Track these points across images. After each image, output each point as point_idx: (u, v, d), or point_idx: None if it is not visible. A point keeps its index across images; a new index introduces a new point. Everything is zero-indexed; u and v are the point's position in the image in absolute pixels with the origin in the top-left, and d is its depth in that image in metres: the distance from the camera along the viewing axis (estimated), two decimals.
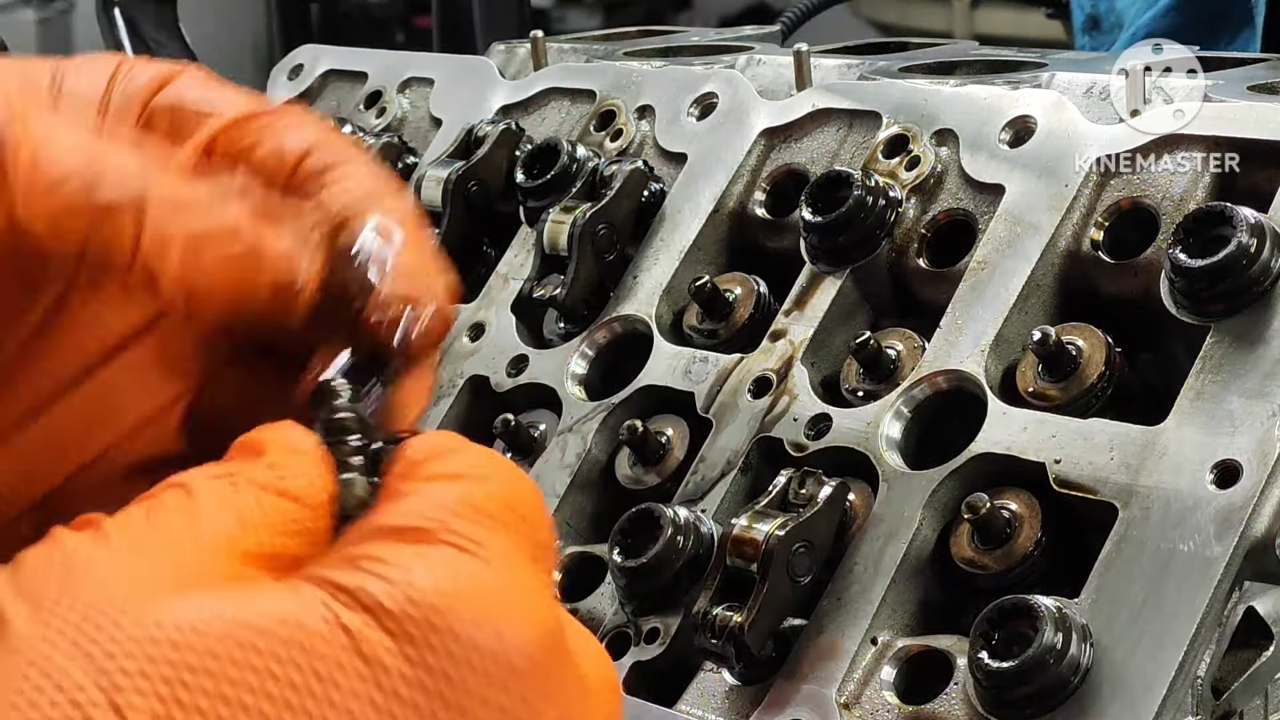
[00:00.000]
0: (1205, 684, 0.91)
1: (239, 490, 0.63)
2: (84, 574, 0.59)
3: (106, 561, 0.59)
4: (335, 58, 1.52)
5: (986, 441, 1.01)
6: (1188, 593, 0.90)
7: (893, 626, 0.99)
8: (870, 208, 1.13)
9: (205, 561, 0.61)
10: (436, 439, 0.68)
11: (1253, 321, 0.98)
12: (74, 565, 0.59)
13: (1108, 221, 1.08)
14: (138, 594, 0.59)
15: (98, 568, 0.59)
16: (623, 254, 1.23)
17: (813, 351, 1.12)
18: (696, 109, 1.28)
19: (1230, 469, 0.93)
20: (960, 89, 1.19)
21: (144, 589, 0.59)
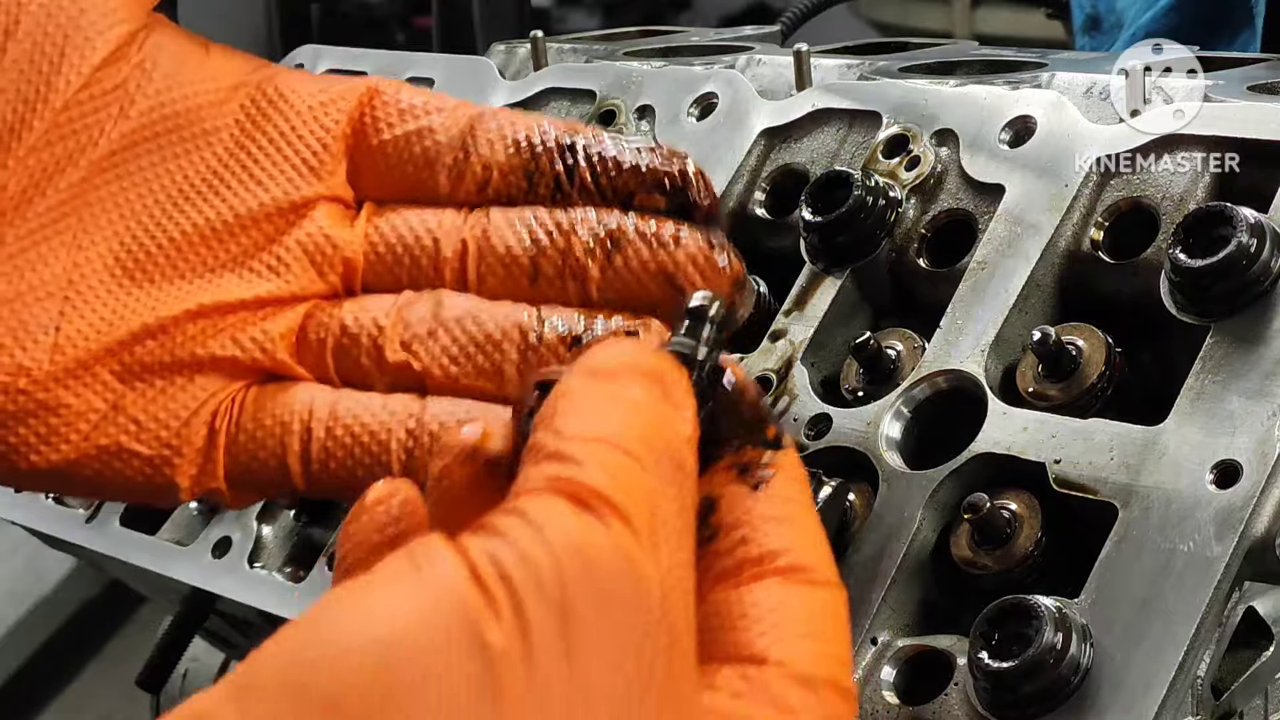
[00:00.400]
0: (1205, 684, 0.91)
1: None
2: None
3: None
4: (335, 58, 1.52)
5: (986, 441, 1.01)
6: (1188, 593, 0.90)
7: (893, 626, 0.99)
8: (870, 208, 1.13)
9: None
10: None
11: (1253, 321, 0.98)
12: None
13: (1108, 221, 1.08)
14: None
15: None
16: None
17: (813, 351, 1.12)
18: (696, 109, 1.28)
19: (1230, 469, 0.93)
20: (960, 89, 1.19)
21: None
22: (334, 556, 1.20)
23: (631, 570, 0.62)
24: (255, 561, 1.26)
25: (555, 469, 0.64)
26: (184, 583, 1.29)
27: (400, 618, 0.59)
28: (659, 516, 0.64)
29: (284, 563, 1.26)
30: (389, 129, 0.96)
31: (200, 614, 1.33)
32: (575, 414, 0.67)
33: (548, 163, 0.93)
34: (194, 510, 1.32)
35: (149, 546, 1.32)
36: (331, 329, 0.95)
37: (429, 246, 0.94)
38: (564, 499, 0.63)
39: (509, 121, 0.95)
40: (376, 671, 0.58)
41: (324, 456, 0.92)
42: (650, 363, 0.70)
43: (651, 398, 0.68)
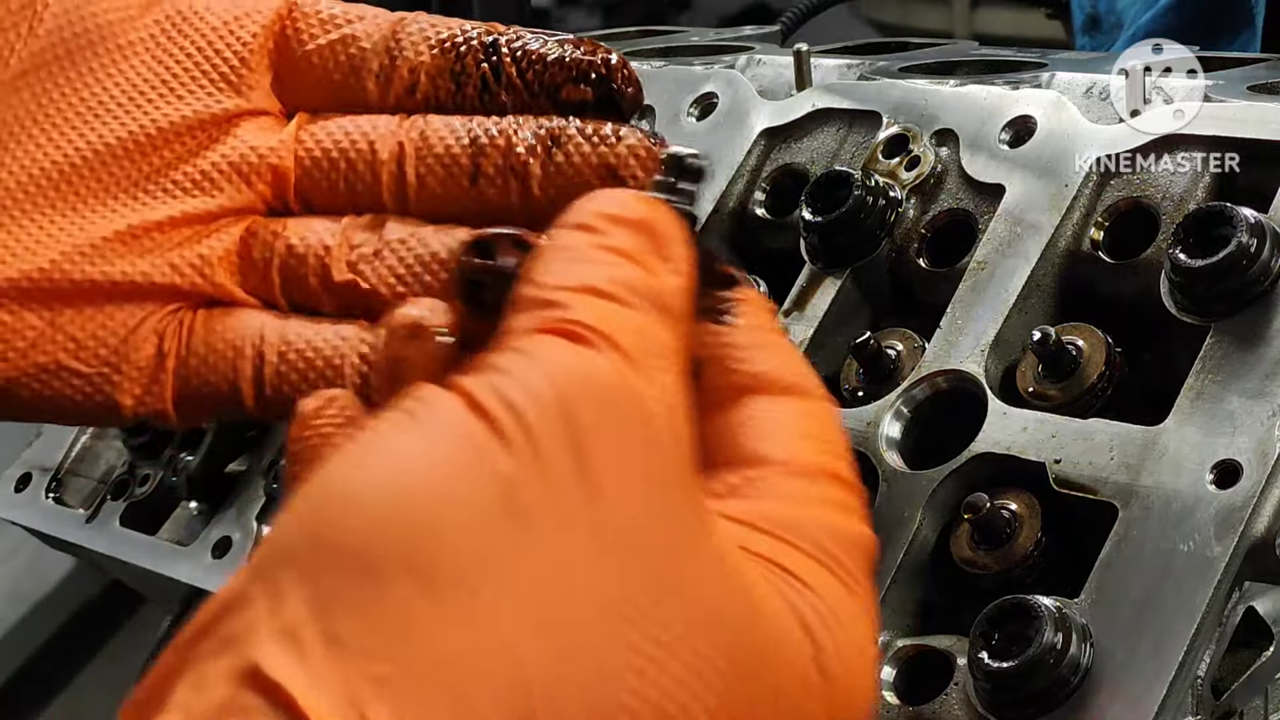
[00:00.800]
0: (1205, 684, 0.91)
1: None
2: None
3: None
4: None
5: (986, 441, 1.01)
6: (1188, 593, 0.90)
7: (893, 627, 0.99)
8: (870, 208, 1.13)
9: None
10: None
11: (1253, 321, 0.98)
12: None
13: (1108, 221, 1.08)
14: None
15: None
16: None
17: (813, 351, 1.12)
18: (696, 109, 1.28)
19: (1230, 469, 0.93)
20: (960, 89, 1.18)
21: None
22: None
23: (628, 387, 0.65)
24: None
25: (543, 313, 0.67)
26: (184, 583, 1.29)
27: (410, 461, 0.61)
28: (649, 342, 0.67)
29: None
30: (311, 39, 0.97)
31: None
32: (561, 265, 0.69)
33: (473, 62, 0.95)
34: (194, 510, 1.32)
35: (149, 546, 1.32)
36: (277, 249, 0.95)
37: (364, 150, 0.95)
38: (556, 336, 0.66)
39: (430, 24, 0.97)
40: (395, 516, 0.59)
41: (277, 381, 0.93)
42: (639, 211, 0.73)
43: (639, 247, 0.71)
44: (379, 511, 0.60)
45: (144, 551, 1.32)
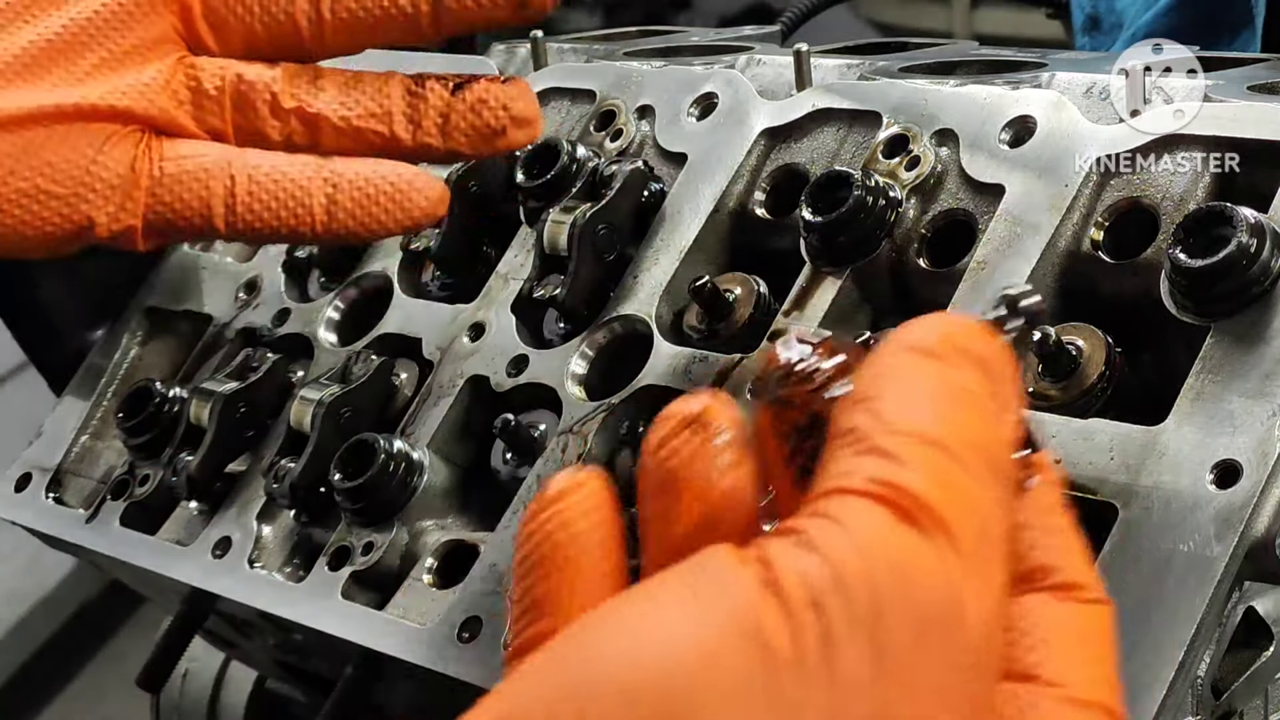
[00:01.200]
0: (1205, 684, 0.91)
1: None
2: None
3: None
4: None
5: None
6: (1188, 593, 0.90)
7: None
8: (870, 208, 1.13)
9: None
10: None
11: (1253, 321, 0.98)
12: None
13: (1108, 221, 1.08)
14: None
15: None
16: (623, 254, 1.23)
17: None
18: (696, 109, 1.28)
19: (1230, 469, 0.93)
20: (960, 89, 1.19)
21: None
22: (335, 553, 1.20)
23: (952, 592, 0.56)
24: (255, 562, 1.26)
25: (877, 467, 0.58)
26: (184, 583, 1.29)
27: (685, 651, 0.54)
28: (986, 536, 0.58)
29: (284, 563, 1.26)
30: None
31: (200, 614, 1.33)
32: (900, 400, 0.59)
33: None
34: (194, 510, 1.32)
35: (149, 546, 1.32)
36: (228, 77, 0.99)
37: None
38: (885, 506, 0.57)
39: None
40: (660, 709, 0.53)
41: (249, 201, 0.96)
42: (981, 346, 0.62)
43: (984, 390, 0.61)
44: (638, 704, 0.52)
45: (144, 551, 1.32)
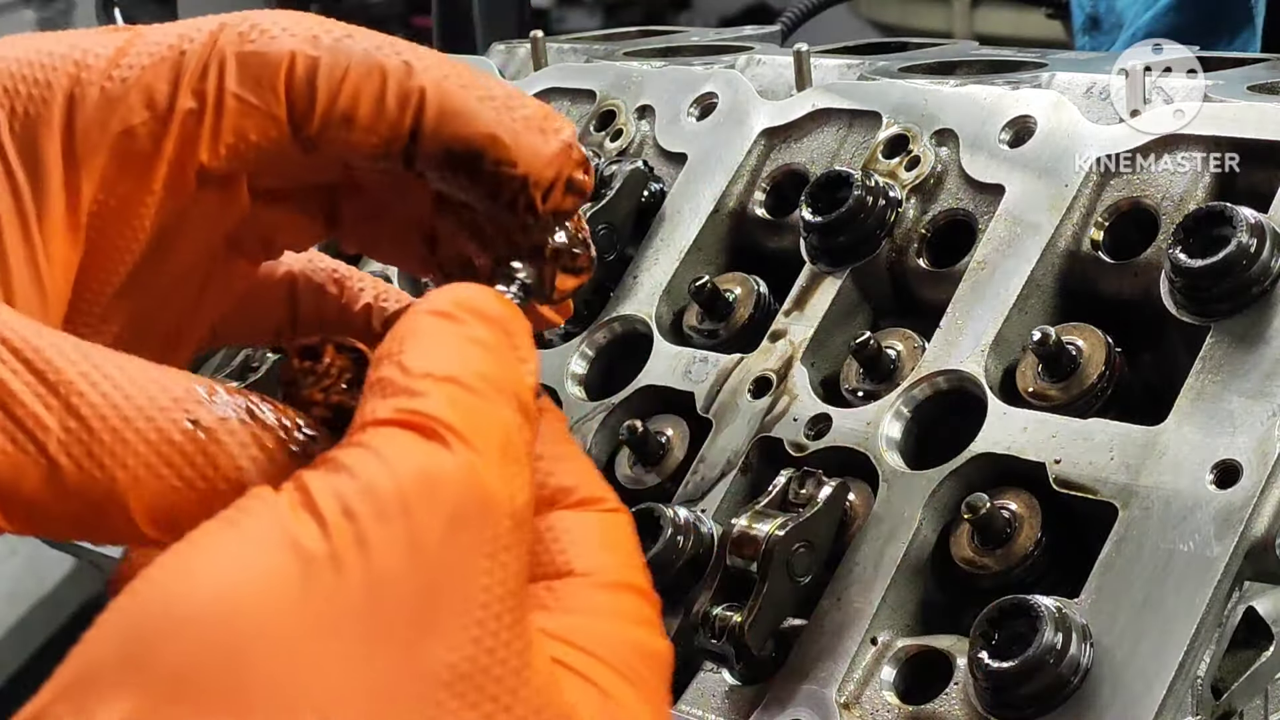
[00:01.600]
0: (1205, 684, 0.91)
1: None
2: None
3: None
4: None
5: (986, 441, 1.01)
6: (1188, 593, 0.90)
7: (893, 626, 0.99)
8: (870, 208, 1.13)
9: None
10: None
11: (1253, 321, 0.98)
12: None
13: (1108, 221, 1.08)
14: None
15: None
16: (623, 254, 1.23)
17: (813, 351, 1.12)
18: (696, 109, 1.28)
19: (1230, 469, 0.93)
20: (960, 89, 1.19)
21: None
22: None
23: (482, 495, 0.64)
24: None
25: (400, 401, 0.65)
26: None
27: (231, 574, 0.59)
28: (509, 449, 0.66)
29: None
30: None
31: None
32: (423, 352, 0.68)
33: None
34: None
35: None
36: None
37: None
38: (410, 430, 0.64)
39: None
40: (212, 638, 0.58)
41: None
42: (497, 309, 0.71)
43: (498, 341, 0.70)
44: (195, 632, 0.58)
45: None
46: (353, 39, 0.76)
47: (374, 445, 0.64)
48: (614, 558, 0.72)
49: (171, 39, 0.77)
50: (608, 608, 0.71)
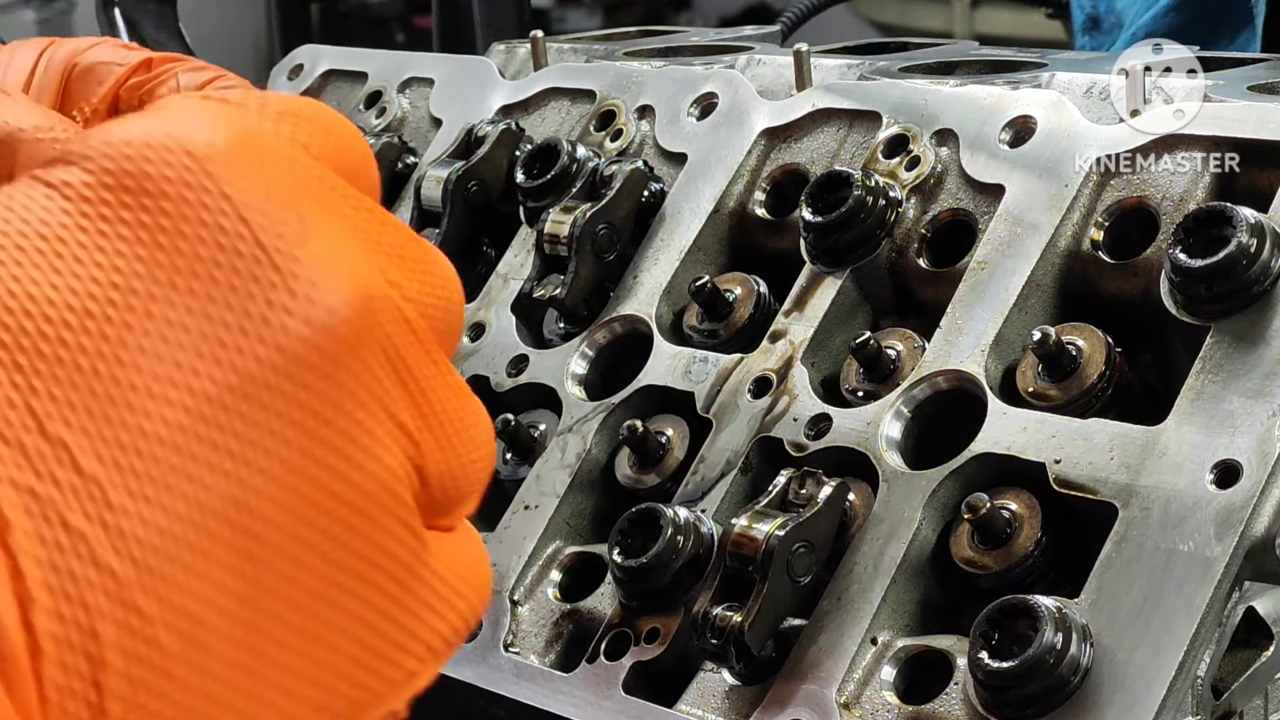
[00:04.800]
0: (1205, 684, 0.91)
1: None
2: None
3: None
4: (335, 58, 1.52)
5: (986, 441, 1.01)
6: (1188, 593, 0.90)
7: (893, 626, 0.99)
8: (870, 208, 1.13)
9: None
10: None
11: (1253, 321, 0.98)
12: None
13: (1108, 221, 1.08)
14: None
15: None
16: (623, 254, 1.23)
17: (813, 351, 1.12)
18: (696, 109, 1.28)
19: (1230, 469, 0.93)
20: (960, 89, 1.19)
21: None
22: None
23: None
24: None
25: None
26: None
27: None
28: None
29: None
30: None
31: None
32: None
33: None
34: None
35: None
36: None
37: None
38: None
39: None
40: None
41: None
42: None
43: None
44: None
45: None
46: None
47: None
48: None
49: None
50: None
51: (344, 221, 0.56)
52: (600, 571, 1.10)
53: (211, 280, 0.52)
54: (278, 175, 0.55)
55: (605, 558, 1.07)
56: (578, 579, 1.11)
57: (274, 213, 0.54)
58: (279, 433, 0.52)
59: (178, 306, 0.52)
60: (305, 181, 0.55)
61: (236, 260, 0.53)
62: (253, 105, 0.57)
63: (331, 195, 0.56)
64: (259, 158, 0.54)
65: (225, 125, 0.55)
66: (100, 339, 0.51)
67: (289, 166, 0.55)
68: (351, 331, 0.54)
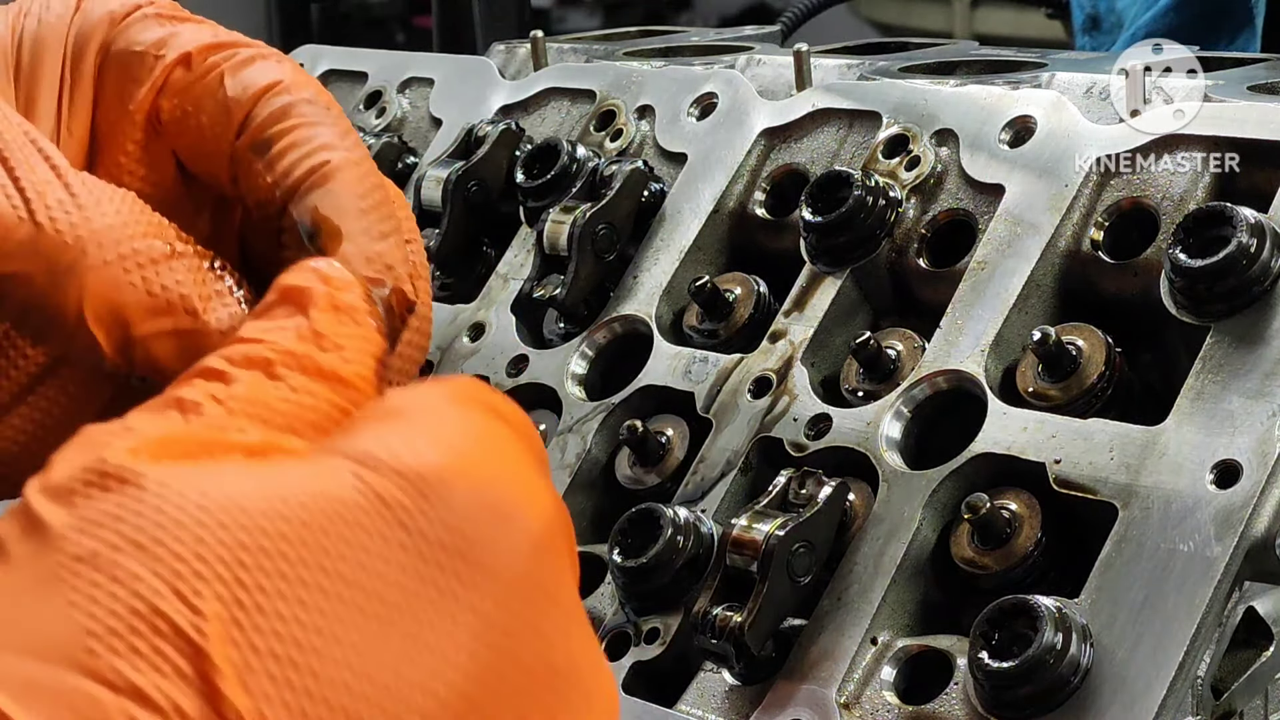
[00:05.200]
0: (1205, 684, 0.91)
1: (278, 383, 0.63)
2: (115, 465, 0.57)
3: (134, 450, 0.57)
4: (335, 58, 1.52)
5: (986, 441, 1.01)
6: (1188, 593, 0.90)
7: (893, 626, 0.99)
8: (870, 208, 1.13)
9: (232, 444, 0.60)
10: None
11: (1253, 321, 0.98)
12: (104, 457, 0.57)
13: (1108, 221, 1.08)
14: (172, 477, 0.57)
15: (126, 458, 0.57)
16: (623, 254, 1.23)
17: (813, 351, 1.12)
18: (696, 109, 1.28)
19: (1230, 469, 0.93)
20: (960, 89, 1.19)
21: (175, 472, 0.57)
22: None
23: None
24: None
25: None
26: None
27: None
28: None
29: None
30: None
31: None
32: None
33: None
34: None
35: None
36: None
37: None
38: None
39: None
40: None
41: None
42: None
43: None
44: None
45: None
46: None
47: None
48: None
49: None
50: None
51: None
52: (600, 571, 1.09)
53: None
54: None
55: (605, 558, 1.07)
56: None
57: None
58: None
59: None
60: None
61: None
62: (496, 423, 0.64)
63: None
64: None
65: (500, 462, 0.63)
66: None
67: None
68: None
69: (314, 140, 0.75)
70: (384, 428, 0.61)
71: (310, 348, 0.65)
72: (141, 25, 0.79)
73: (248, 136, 0.76)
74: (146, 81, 0.78)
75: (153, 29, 0.79)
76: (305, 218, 0.73)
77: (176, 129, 0.79)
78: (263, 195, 0.75)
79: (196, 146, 0.78)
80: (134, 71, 0.79)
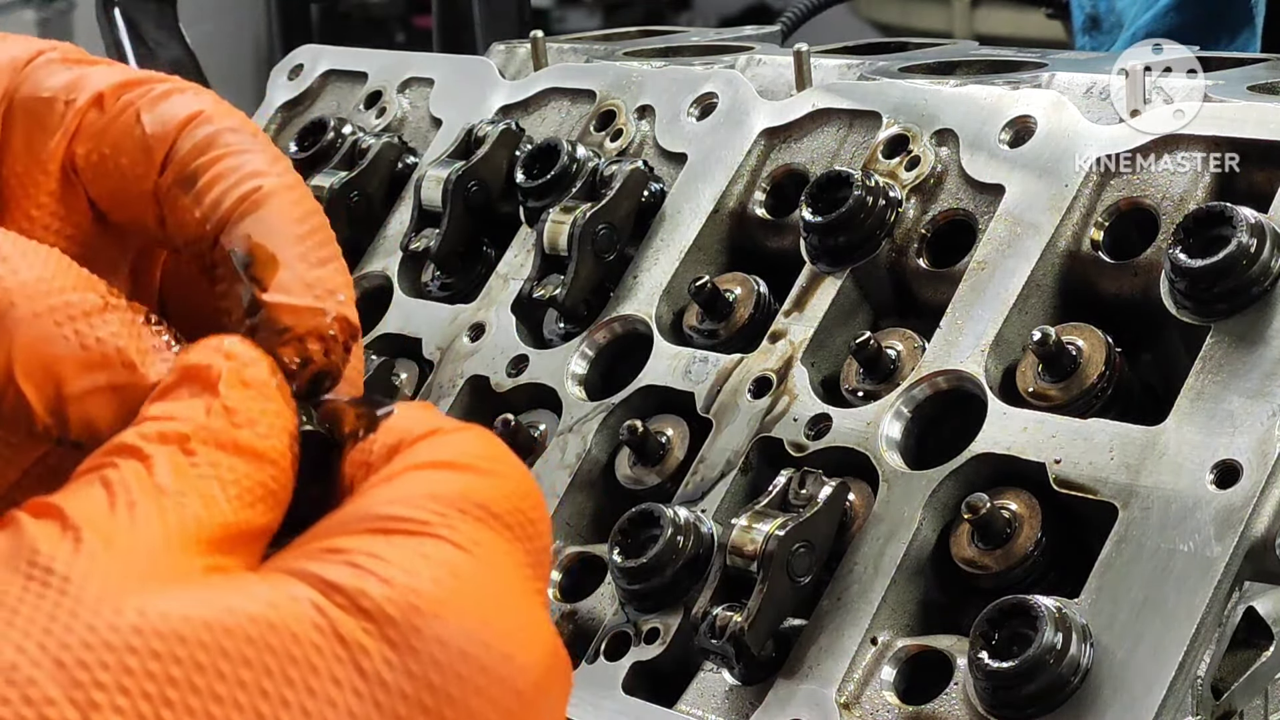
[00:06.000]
0: (1205, 684, 0.91)
1: (199, 465, 0.59)
2: (48, 573, 0.54)
3: (73, 560, 0.54)
4: (335, 58, 1.52)
5: (986, 441, 1.01)
6: (1188, 593, 0.90)
7: (893, 626, 0.99)
8: (870, 208, 1.13)
9: (176, 553, 0.56)
10: (423, 413, 0.63)
11: (1253, 321, 0.98)
12: (36, 563, 0.54)
13: (1108, 221, 1.08)
14: (109, 594, 0.54)
15: (63, 566, 0.54)
16: (623, 254, 1.23)
17: (813, 351, 1.12)
18: (696, 109, 1.28)
19: (1230, 469, 0.93)
20: (960, 89, 1.19)
21: (115, 588, 0.54)
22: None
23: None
24: None
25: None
26: None
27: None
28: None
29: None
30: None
31: None
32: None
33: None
34: None
35: None
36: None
37: None
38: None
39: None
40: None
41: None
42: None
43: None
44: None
45: None
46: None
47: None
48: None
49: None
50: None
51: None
52: (600, 571, 1.10)
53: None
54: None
55: (605, 558, 1.07)
56: (578, 579, 1.11)
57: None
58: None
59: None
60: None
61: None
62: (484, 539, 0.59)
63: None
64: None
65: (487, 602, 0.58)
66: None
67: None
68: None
69: (243, 168, 0.70)
70: (358, 545, 0.57)
71: (224, 423, 0.60)
72: (47, 70, 0.74)
73: (171, 171, 0.71)
74: (58, 129, 0.73)
75: (59, 73, 0.74)
76: (239, 246, 0.68)
77: (94, 175, 0.73)
78: (192, 231, 0.70)
79: (118, 191, 0.73)
80: (43, 119, 0.74)
